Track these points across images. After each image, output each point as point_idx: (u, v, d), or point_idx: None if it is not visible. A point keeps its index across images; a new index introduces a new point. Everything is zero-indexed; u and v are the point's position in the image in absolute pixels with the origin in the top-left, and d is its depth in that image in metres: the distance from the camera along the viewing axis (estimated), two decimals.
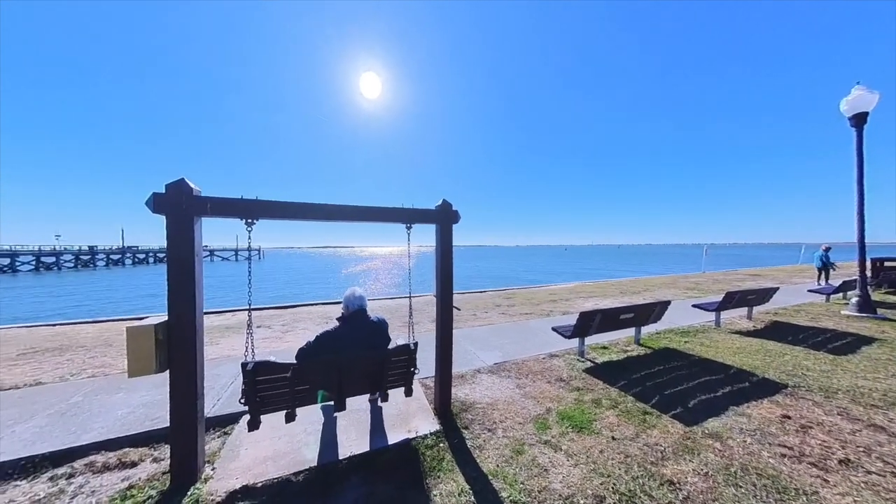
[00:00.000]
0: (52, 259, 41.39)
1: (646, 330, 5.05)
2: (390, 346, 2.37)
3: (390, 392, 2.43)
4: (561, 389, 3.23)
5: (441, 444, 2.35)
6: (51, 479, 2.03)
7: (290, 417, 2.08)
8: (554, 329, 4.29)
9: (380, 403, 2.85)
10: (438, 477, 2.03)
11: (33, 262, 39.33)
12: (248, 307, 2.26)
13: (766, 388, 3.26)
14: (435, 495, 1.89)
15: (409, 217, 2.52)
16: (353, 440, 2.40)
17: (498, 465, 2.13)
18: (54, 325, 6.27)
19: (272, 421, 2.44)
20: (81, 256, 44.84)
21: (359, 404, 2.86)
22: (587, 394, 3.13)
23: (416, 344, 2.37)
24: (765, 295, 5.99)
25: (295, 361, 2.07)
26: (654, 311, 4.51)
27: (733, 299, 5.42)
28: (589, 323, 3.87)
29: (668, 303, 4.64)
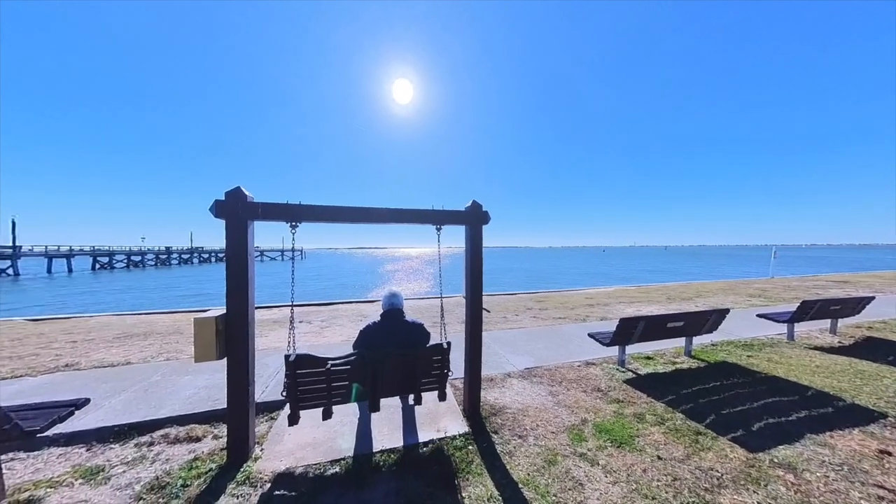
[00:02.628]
0: (139, 258, 49.28)
1: (698, 341, 4.56)
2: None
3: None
4: (598, 400, 3.04)
5: (470, 447, 2.33)
6: (136, 445, 2.38)
7: (326, 415, 2.11)
8: (591, 335, 4.04)
9: (412, 405, 2.86)
10: (467, 479, 2.02)
11: (125, 261, 46.96)
12: (291, 303, 2.45)
13: (855, 415, 2.77)
14: (464, 497, 1.88)
15: (439, 218, 2.55)
16: (384, 435, 2.48)
17: (529, 474, 2.06)
18: (139, 314, 7.36)
19: (311, 411, 2.61)
20: (160, 256, 52.63)
21: (390, 401, 2.94)
22: (628, 407, 2.90)
23: (449, 343, 2.31)
24: (854, 305, 5.07)
25: (331, 356, 2.20)
26: (708, 320, 4.05)
27: (811, 309, 4.67)
28: (630, 330, 3.59)
29: (725, 311, 4.13)
